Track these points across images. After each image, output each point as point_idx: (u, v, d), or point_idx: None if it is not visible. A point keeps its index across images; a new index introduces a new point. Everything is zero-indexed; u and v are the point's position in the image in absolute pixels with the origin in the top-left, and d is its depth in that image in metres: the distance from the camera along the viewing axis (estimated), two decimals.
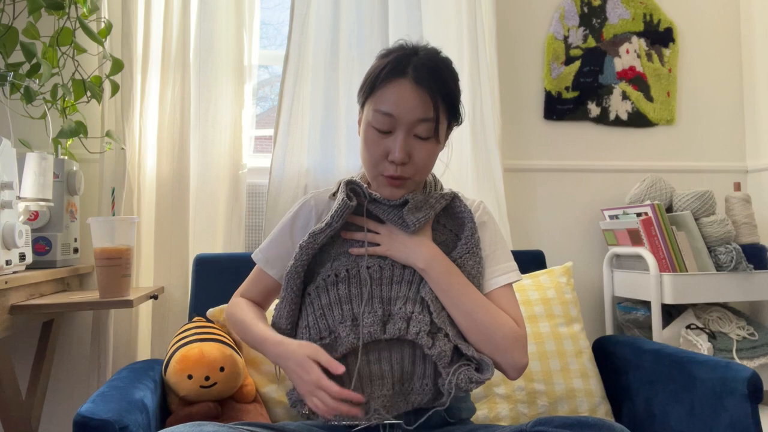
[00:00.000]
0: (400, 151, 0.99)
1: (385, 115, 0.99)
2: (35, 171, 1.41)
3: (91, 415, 0.94)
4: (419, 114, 0.99)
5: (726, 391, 1.19)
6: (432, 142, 1.03)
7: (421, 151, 1.01)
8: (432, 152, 1.04)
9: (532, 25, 2.08)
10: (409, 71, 0.99)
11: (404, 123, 0.99)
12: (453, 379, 0.95)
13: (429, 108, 0.99)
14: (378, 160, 1.02)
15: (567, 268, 1.61)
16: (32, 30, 1.53)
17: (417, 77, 0.98)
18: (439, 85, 1.00)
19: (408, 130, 1.00)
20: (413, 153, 1.01)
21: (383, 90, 1.00)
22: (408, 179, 1.03)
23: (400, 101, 0.98)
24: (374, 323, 0.98)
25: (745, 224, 1.90)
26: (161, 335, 1.66)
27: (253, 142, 1.86)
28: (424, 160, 1.02)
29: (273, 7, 2.13)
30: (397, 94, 0.99)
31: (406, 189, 1.05)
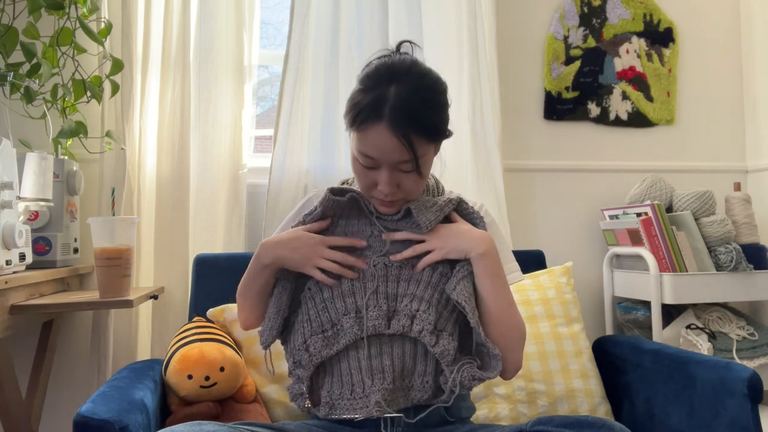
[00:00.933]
0: (387, 186, 1.01)
1: (366, 156, 1.01)
2: (35, 171, 1.41)
3: (91, 415, 0.94)
4: (398, 157, 0.99)
5: (726, 391, 1.19)
6: (417, 174, 1.03)
7: (408, 181, 1.02)
8: (420, 180, 1.04)
9: (532, 25, 2.08)
10: (385, 113, 0.97)
11: (386, 163, 1.00)
12: (457, 377, 0.95)
13: (405, 151, 0.98)
14: (368, 187, 1.04)
15: (567, 268, 1.61)
16: (32, 30, 1.53)
17: (392, 122, 0.97)
18: (415, 126, 0.98)
19: (392, 168, 1.01)
20: (401, 183, 1.02)
21: (363, 133, 0.99)
22: (400, 200, 1.05)
23: (379, 146, 0.98)
24: (379, 317, 0.99)
25: (745, 224, 1.90)
26: (161, 335, 1.66)
27: (253, 142, 1.86)
28: (411, 187, 1.04)
29: (273, 7, 2.13)
30: (375, 139, 0.98)
31: (399, 205, 1.06)
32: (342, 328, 1.00)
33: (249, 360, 1.36)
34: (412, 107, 0.98)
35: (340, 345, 0.99)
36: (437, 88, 1.03)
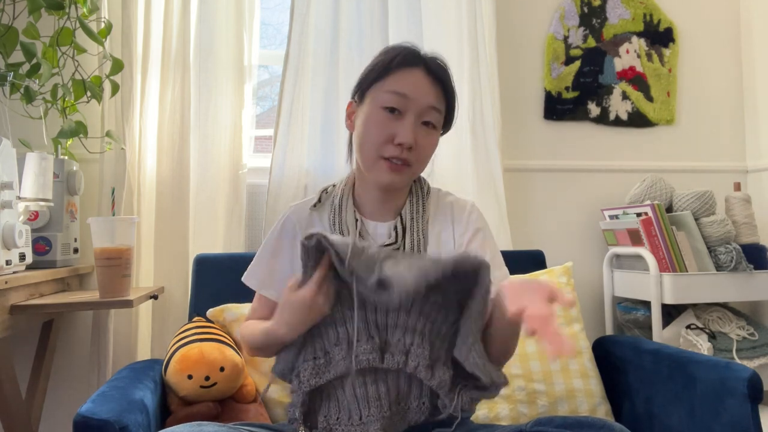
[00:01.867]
0: (411, 133, 1.00)
1: (399, 95, 1.01)
2: (35, 171, 1.41)
3: (91, 415, 0.94)
4: (431, 100, 1.02)
5: (726, 391, 1.19)
6: (436, 134, 1.06)
7: (427, 139, 1.03)
8: (435, 143, 1.06)
9: (532, 25, 2.08)
10: (422, 63, 1.03)
11: (416, 107, 1.01)
12: (457, 403, 0.92)
13: (440, 98, 1.04)
14: (382, 142, 1.01)
15: (567, 268, 1.61)
16: (32, 30, 1.53)
17: (431, 69, 1.03)
18: (448, 83, 1.06)
19: (418, 115, 1.02)
20: (419, 140, 1.02)
21: (398, 74, 1.02)
22: (409, 167, 1.03)
23: (416, 84, 1.01)
24: (372, 350, 0.93)
25: (745, 224, 1.90)
26: (161, 335, 1.66)
27: (253, 142, 1.86)
28: (427, 149, 1.04)
29: (273, 7, 2.13)
30: (412, 78, 1.02)
31: (404, 177, 1.04)
32: (333, 359, 0.95)
33: (249, 360, 1.36)
34: (445, 68, 1.06)
35: (330, 375, 0.94)
36: None
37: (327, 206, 1.12)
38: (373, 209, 1.10)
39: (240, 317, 1.40)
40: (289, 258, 1.09)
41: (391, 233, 1.07)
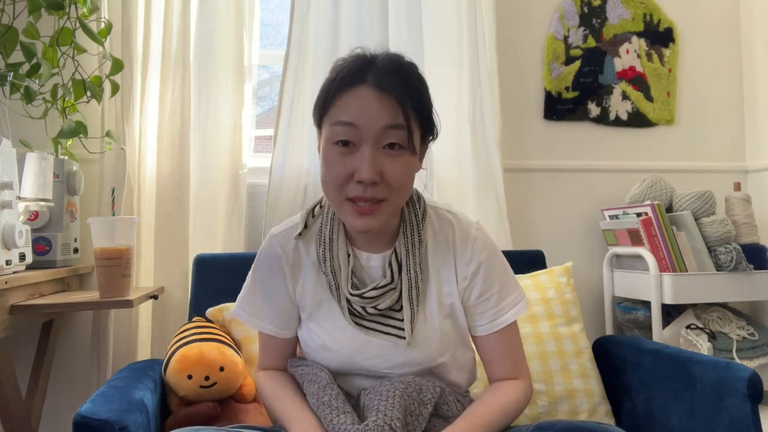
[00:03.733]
0: (369, 167, 0.84)
1: (347, 125, 0.86)
2: (35, 171, 1.41)
3: (91, 415, 0.94)
4: (386, 120, 0.86)
5: (726, 391, 1.19)
6: (406, 155, 0.88)
7: (394, 167, 0.87)
8: (408, 167, 0.89)
9: (532, 25, 2.08)
10: (369, 77, 0.87)
11: (369, 134, 0.86)
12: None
13: (397, 114, 0.86)
14: (342, 182, 0.87)
15: (567, 268, 1.61)
16: (32, 30, 1.53)
17: (379, 82, 0.86)
18: (406, 89, 0.87)
19: (375, 142, 0.86)
20: (384, 170, 0.86)
21: (342, 99, 0.88)
22: (382, 202, 0.89)
23: (363, 108, 0.86)
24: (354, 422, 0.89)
25: (745, 224, 1.90)
26: (161, 335, 1.66)
27: (253, 142, 1.86)
28: (398, 177, 0.87)
29: (273, 8, 2.13)
30: (357, 100, 0.86)
31: (381, 217, 0.90)
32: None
33: (249, 360, 1.36)
34: (401, 71, 0.89)
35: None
36: (420, 73, 0.93)
37: (314, 235, 1.01)
38: (364, 239, 0.99)
39: None
40: (279, 292, 1.02)
41: (386, 271, 0.96)
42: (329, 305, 1.00)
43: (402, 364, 0.98)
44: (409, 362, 0.98)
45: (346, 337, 0.99)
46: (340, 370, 1.01)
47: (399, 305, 0.98)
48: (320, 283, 1.00)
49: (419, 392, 0.94)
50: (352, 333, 0.99)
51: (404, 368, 0.99)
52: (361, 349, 0.99)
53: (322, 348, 1.00)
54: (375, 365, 0.99)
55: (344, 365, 1.00)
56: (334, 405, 0.92)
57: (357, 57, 0.92)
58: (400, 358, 0.98)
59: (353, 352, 0.99)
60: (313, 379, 0.98)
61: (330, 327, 1.00)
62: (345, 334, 0.99)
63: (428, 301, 1.00)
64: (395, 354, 0.98)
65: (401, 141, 0.87)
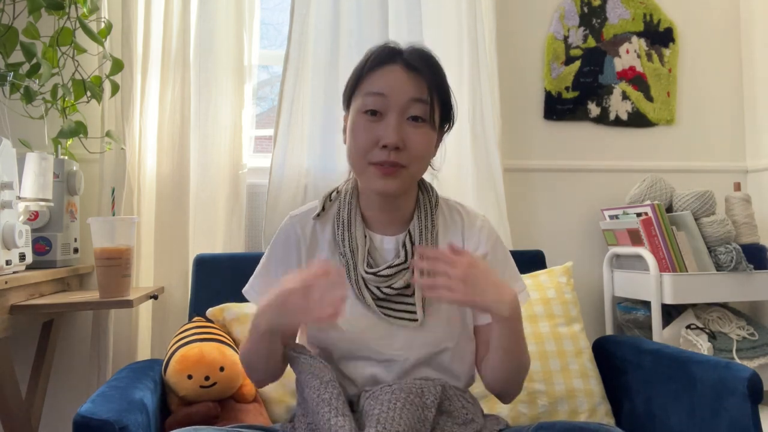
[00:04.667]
0: (394, 132, 0.93)
1: (376, 95, 0.95)
2: (35, 171, 1.41)
3: (91, 415, 0.94)
4: (412, 93, 0.95)
5: (726, 391, 1.19)
6: (427, 128, 0.97)
7: (416, 136, 0.96)
8: (428, 139, 0.98)
9: (532, 25, 2.08)
10: (398, 58, 0.98)
11: (397, 104, 0.95)
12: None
13: (423, 89, 0.96)
14: (367, 147, 0.95)
15: (567, 268, 1.61)
16: (32, 30, 1.53)
17: (408, 63, 0.97)
18: (431, 71, 0.98)
19: (401, 112, 0.95)
20: (407, 138, 0.95)
21: (373, 75, 0.97)
22: (402, 168, 0.96)
23: (392, 81, 0.96)
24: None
25: (745, 224, 1.90)
26: (161, 335, 1.66)
27: (253, 142, 1.86)
28: (419, 146, 0.96)
29: (273, 8, 2.13)
30: (388, 75, 0.96)
31: (399, 181, 0.97)
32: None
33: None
34: (428, 56, 0.99)
35: None
36: (442, 66, 1.02)
37: (331, 218, 1.06)
38: (379, 221, 1.05)
39: (240, 317, 1.40)
40: (293, 271, 1.01)
41: (400, 251, 1.01)
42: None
43: (409, 346, 1.00)
44: (417, 344, 1.00)
45: (357, 317, 1.01)
46: (345, 353, 1.02)
47: (411, 290, 1.01)
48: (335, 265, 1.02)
49: (421, 396, 0.94)
50: (363, 314, 1.01)
51: (411, 351, 1.00)
52: (370, 329, 1.00)
53: (331, 327, 1.01)
54: (382, 347, 1.00)
55: (352, 346, 1.01)
56: (334, 405, 0.91)
57: (386, 45, 1.01)
58: (408, 341, 1.00)
59: (362, 331, 1.00)
60: (314, 373, 0.97)
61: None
62: (355, 314, 1.01)
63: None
64: (404, 336, 1.00)
65: (424, 114, 0.96)
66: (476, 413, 1.02)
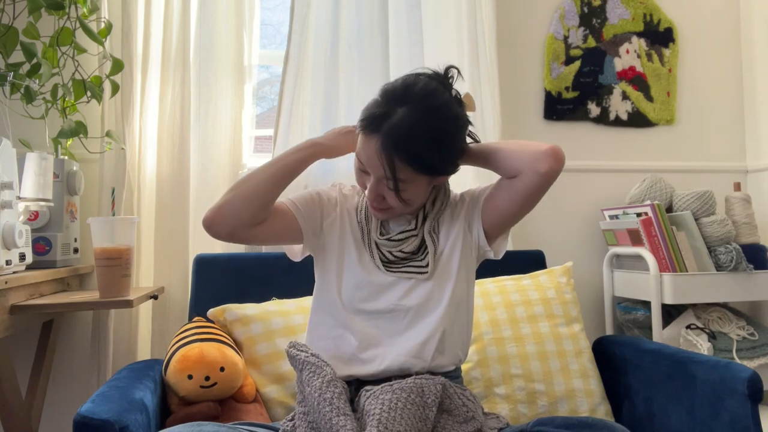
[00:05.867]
0: (370, 192, 1.07)
1: (359, 161, 1.08)
2: (35, 171, 1.41)
3: (92, 415, 0.94)
4: (381, 173, 1.04)
5: (726, 391, 1.19)
6: (402, 190, 1.05)
7: (390, 198, 1.06)
8: (408, 195, 1.06)
9: (532, 25, 2.08)
10: (382, 129, 1.02)
11: (374, 173, 1.06)
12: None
13: (388, 171, 1.03)
14: (362, 187, 1.12)
15: (567, 268, 1.61)
16: (32, 30, 1.53)
17: (383, 139, 1.01)
18: (402, 153, 1.01)
19: (377, 179, 1.06)
20: (385, 195, 1.07)
21: (361, 139, 1.06)
22: (391, 209, 1.09)
23: (368, 158, 1.04)
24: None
25: (745, 224, 1.90)
26: (161, 335, 1.66)
27: (253, 142, 1.86)
28: (393, 204, 1.07)
29: (273, 8, 2.13)
30: (367, 149, 1.04)
31: (391, 215, 1.12)
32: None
33: (249, 360, 1.36)
34: (408, 134, 1.01)
35: None
36: (447, 125, 1.05)
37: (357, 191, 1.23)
38: None
39: (240, 317, 1.40)
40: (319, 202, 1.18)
41: (411, 220, 1.14)
42: (356, 250, 1.15)
43: (411, 295, 1.10)
44: (421, 295, 1.10)
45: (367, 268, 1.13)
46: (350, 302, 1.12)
47: (421, 254, 1.12)
48: (352, 231, 1.17)
49: (422, 395, 0.94)
50: (371, 269, 1.13)
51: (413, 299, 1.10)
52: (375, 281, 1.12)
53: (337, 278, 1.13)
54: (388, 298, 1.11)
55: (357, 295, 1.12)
56: (336, 404, 0.92)
57: (383, 98, 1.05)
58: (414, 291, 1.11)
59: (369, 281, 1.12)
60: (316, 371, 0.98)
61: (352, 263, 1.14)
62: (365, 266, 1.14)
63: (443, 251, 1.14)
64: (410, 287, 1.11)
65: (395, 186, 1.04)
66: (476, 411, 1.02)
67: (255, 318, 1.39)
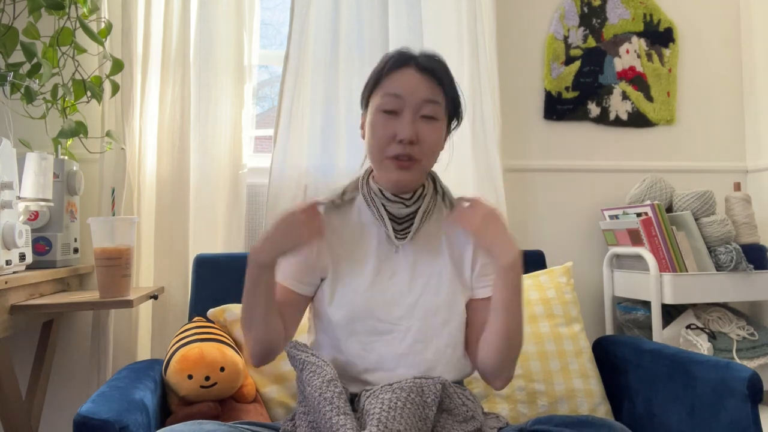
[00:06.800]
0: (409, 128, 1.03)
1: (393, 96, 1.04)
2: (35, 171, 1.41)
3: (92, 415, 0.94)
4: (425, 95, 1.04)
5: (726, 391, 1.19)
6: (439, 124, 1.07)
7: (429, 131, 1.05)
8: (439, 134, 1.07)
9: (532, 25, 2.08)
10: (413, 62, 1.06)
11: (411, 103, 1.04)
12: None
13: (434, 90, 1.06)
14: (385, 142, 1.05)
15: (567, 268, 1.61)
16: (32, 30, 1.53)
17: (421, 65, 1.06)
18: (442, 74, 1.07)
19: (415, 111, 1.04)
20: (421, 133, 1.04)
21: (390, 77, 1.06)
22: (416, 162, 1.05)
23: (407, 83, 1.05)
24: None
25: (745, 224, 1.90)
26: (161, 335, 1.66)
27: (253, 142, 1.86)
28: (431, 140, 1.05)
29: (273, 8, 2.13)
30: (403, 77, 1.05)
31: (413, 174, 1.06)
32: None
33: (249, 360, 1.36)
34: (439, 61, 1.09)
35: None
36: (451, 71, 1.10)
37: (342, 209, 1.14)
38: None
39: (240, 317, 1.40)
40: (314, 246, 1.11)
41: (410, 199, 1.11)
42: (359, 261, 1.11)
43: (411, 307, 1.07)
44: (418, 305, 1.08)
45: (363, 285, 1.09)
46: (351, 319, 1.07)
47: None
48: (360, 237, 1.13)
49: (421, 394, 0.95)
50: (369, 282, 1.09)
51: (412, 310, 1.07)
52: (374, 297, 1.08)
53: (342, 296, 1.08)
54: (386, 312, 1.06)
55: (357, 312, 1.07)
56: (336, 404, 0.92)
57: (402, 50, 1.10)
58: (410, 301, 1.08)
59: (368, 299, 1.08)
60: (316, 371, 0.97)
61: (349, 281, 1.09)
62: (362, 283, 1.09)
63: (441, 257, 1.12)
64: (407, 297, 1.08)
65: (435, 113, 1.06)
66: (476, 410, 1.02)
67: None
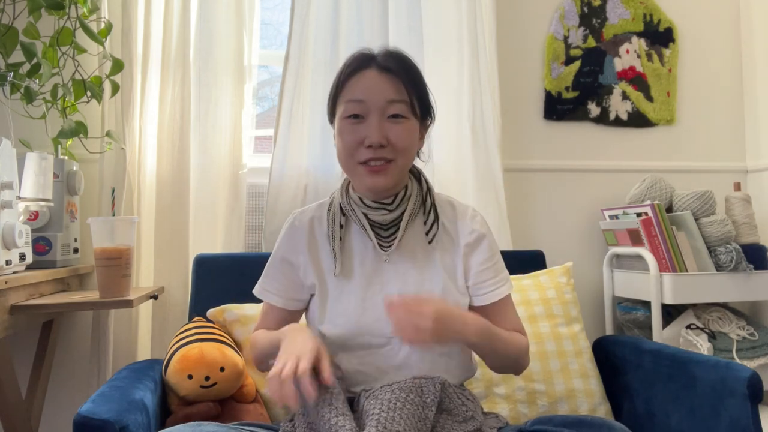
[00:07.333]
0: (376, 131, 0.99)
1: (356, 102, 1.02)
2: (35, 171, 1.41)
3: (92, 415, 0.94)
4: (388, 95, 1.01)
5: (726, 391, 1.19)
6: (408, 122, 1.03)
7: (398, 131, 1.01)
8: (410, 132, 1.03)
9: (532, 25, 2.08)
10: (372, 63, 1.03)
11: (376, 106, 1.01)
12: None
13: (398, 89, 1.02)
14: (353, 147, 1.02)
15: (567, 268, 1.61)
16: (32, 30, 1.53)
17: (381, 66, 1.03)
18: (405, 70, 1.03)
19: (381, 113, 1.01)
20: (390, 134, 1.01)
21: (350, 83, 1.03)
22: (390, 162, 1.01)
23: (368, 86, 1.01)
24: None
25: (745, 224, 1.90)
26: (161, 335, 1.66)
27: (253, 142, 1.86)
28: (402, 139, 1.01)
29: (273, 7, 2.13)
30: (364, 80, 1.02)
31: (388, 177, 1.02)
32: None
33: (249, 360, 1.36)
34: (400, 57, 1.05)
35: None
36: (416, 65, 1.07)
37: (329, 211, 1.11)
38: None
39: (240, 317, 1.40)
40: (294, 260, 1.10)
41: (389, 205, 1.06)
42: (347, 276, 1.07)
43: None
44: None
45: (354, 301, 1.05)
46: (345, 337, 1.04)
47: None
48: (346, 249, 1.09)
49: (421, 395, 0.95)
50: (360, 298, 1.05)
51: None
52: (366, 313, 1.04)
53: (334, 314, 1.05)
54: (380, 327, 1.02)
55: (351, 329, 1.04)
56: (335, 405, 0.92)
57: (361, 52, 1.07)
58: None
59: (360, 315, 1.04)
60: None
61: (339, 297, 1.06)
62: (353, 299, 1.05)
63: (432, 264, 1.08)
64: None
65: (403, 112, 1.02)
66: (476, 411, 1.02)
67: (255, 318, 1.39)
